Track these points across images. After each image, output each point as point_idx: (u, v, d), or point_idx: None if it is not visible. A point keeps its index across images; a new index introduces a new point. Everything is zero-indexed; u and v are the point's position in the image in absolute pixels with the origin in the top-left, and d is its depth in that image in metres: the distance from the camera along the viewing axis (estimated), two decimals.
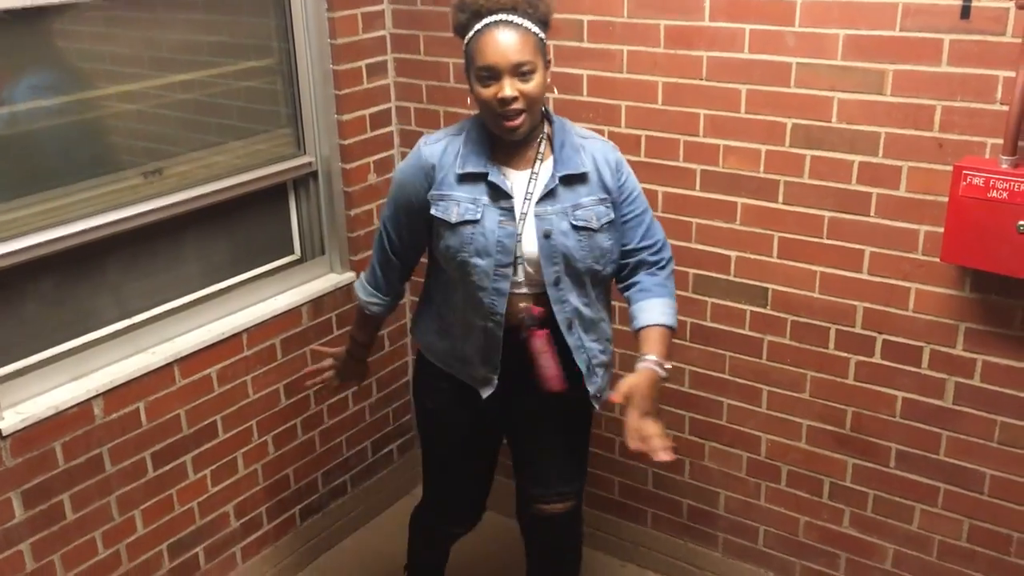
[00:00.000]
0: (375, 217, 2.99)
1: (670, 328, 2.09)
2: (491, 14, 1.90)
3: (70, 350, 2.36)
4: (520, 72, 1.90)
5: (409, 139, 2.99)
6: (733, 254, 2.51)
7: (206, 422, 2.61)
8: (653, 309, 2.08)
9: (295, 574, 2.99)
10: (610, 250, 2.08)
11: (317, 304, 2.86)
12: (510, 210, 2.02)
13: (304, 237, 2.93)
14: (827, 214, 2.34)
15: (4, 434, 2.15)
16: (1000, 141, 2.05)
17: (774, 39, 2.27)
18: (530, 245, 2.03)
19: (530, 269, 2.05)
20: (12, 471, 2.19)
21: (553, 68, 2.62)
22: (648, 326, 2.07)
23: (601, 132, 2.57)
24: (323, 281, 2.92)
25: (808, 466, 2.58)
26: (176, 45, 2.56)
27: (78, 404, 2.29)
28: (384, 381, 3.17)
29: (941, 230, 2.16)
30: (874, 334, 2.37)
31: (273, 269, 2.85)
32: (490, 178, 2.01)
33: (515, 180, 2.03)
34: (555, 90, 2.53)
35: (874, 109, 2.20)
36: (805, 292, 2.43)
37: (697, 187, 2.50)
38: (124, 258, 2.47)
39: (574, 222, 2.02)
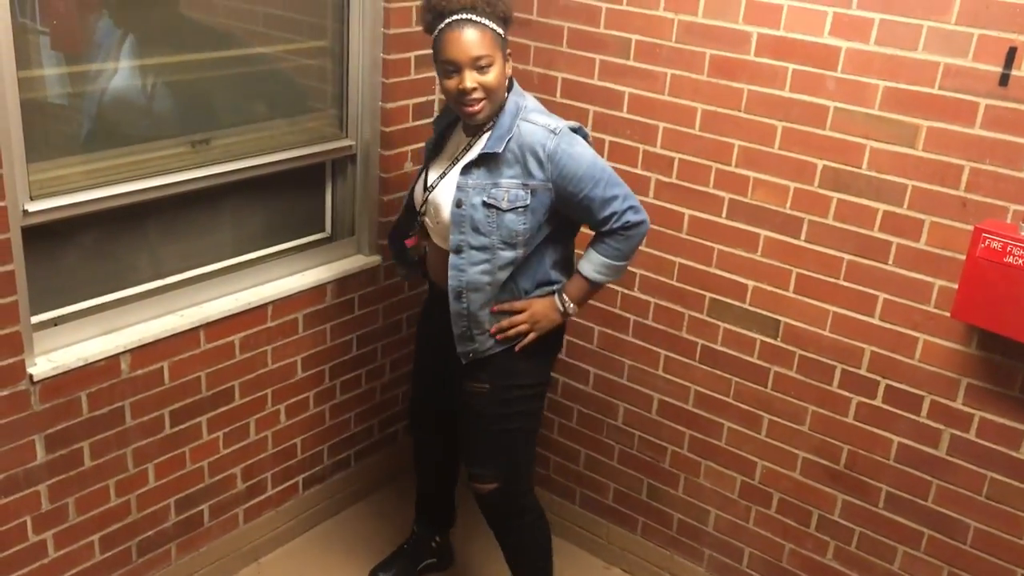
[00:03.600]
0: None
1: (588, 280, 2.29)
2: (452, 13, 2.10)
3: (104, 304, 2.45)
4: (478, 66, 2.10)
5: None
6: (751, 283, 2.57)
7: (224, 386, 2.71)
8: (586, 261, 2.29)
9: (292, 539, 3.09)
10: (521, 233, 2.20)
11: (342, 283, 2.94)
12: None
13: (336, 217, 3.01)
14: (846, 257, 2.40)
15: (35, 379, 2.25)
16: (1022, 208, 2.10)
17: (815, 81, 2.32)
18: (445, 210, 2.25)
19: (440, 231, 2.31)
20: (38, 415, 2.29)
21: (597, 82, 2.70)
22: (575, 273, 2.32)
23: (636, 150, 2.64)
24: (350, 261, 2.99)
25: (799, 496, 2.65)
26: (234, 14, 2.63)
27: (107, 358, 2.38)
28: (398, 363, 3.26)
29: (955, 286, 2.22)
30: (878, 378, 2.43)
31: (303, 245, 2.92)
32: (436, 130, 2.34)
33: (460, 145, 2.27)
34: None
35: (904, 161, 2.26)
36: (816, 329, 2.49)
37: (723, 215, 2.56)
38: (164, 221, 2.56)
39: (485, 199, 2.18)
